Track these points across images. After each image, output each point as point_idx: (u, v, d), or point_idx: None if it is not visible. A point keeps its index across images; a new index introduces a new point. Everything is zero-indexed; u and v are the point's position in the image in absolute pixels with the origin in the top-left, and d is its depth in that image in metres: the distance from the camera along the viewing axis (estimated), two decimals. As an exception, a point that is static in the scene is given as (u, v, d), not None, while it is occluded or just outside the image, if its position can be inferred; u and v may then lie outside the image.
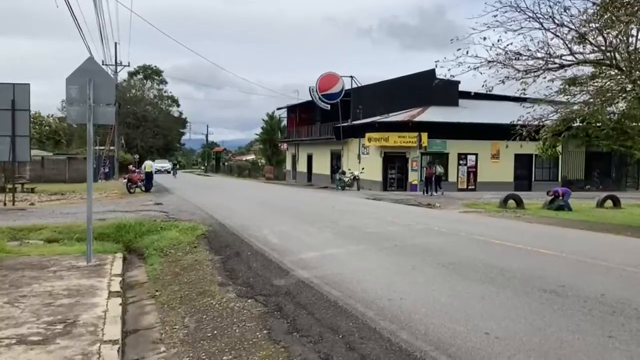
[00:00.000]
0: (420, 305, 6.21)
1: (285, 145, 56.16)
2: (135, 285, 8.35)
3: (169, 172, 59.23)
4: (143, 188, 27.90)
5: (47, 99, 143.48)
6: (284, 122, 58.52)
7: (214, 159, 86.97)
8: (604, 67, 15.65)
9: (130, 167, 30.70)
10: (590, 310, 6.03)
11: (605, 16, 14.68)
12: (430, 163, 31.39)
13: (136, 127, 65.25)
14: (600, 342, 4.98)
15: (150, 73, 77.41)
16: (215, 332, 5.67)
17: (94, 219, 9.76)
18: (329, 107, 40.08)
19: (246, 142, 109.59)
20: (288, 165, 55.09)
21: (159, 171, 53.02)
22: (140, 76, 75.79)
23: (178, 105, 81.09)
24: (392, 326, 5.48)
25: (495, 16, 15.15)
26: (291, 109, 52.30)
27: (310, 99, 41.28)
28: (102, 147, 46.07)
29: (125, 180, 27.96)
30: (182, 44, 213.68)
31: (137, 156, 42.07)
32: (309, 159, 47.63)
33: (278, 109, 59.10)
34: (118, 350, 4.97)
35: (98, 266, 8.63)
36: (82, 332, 5.41)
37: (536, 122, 16.70)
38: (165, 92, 78.42)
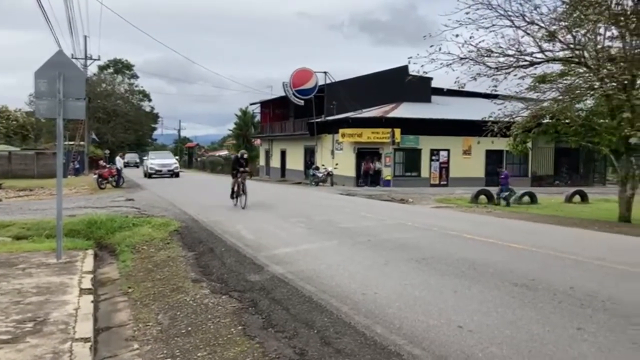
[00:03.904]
0: (394, 300, 6.26)
1: (258, 141, 55.94)
2: (107, 282, 8.23)
3: (137, 166, 58.63)
4: (114, 183, 27.56)
5: (14, 92, 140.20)
6: (258, 118, 58.30)
7: (187, 155, 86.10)
8: (572, 65, 15.98)
9: (101, 162, 30.25)
10: (559, 303, 6.16)
11: (574, 15, 15.00)
12: (369, 159, 33.67)
13: (107, 121, 64.15)
14: (570, 334, 5.10)
15: (121, 67, 76.18)
16: (190, 328, 5.63)
17: (64, 215, 9.59)
18: (302, 102, 40.04)
19: (219, 138, 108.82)
20: (261, 161, 54.89)
21: (127, 164, 52.05)
22: (110, 70, 74.53)
23: (149, 100, 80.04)
24: (366, 320, 5.52)
25: (467, 13, 15.37)
26: (265, 104, 52.07)
27: (284, 94, 41.16)
28: (71, 142, 45.21)
29: (96, 176, 27.54)
30: (153, 37, 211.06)
31: (107, 151, 41.32)
32: (283, 154, 47.54)
33: (251, 104, 58.89)
34: (90, 348, 4.90)
35: (68, 263, 8.48)
36: (53, 330, 5.32)
37: (507, 119, 16.99)
38: (136, 86, 77.30)
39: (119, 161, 30.43)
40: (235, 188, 16.78)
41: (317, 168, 36.01)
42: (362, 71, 40.81)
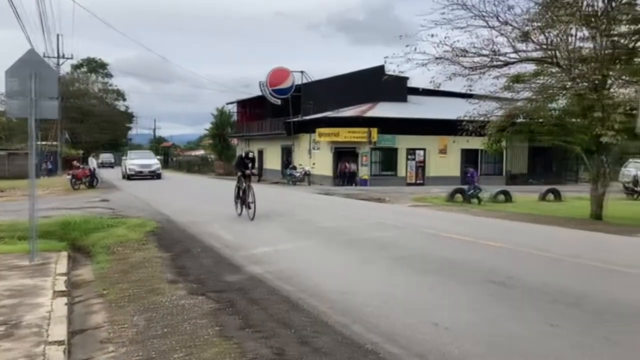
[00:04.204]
0: (372, 298, 6.29)
1: (235, 140, 55.62)
2: (82, 284, 8.10)
3: (112, 167, 57.84)
4: (88, 184, 27.19)
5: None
6: (235, 117, 57.97)
7: (163, 154, 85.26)
8: (546, 65, 16.22)
9: (75, 162, 29.79)
10: (535, 299, 6.26)
11: (547, 16, 15.22)
12: (346, 160, 34.53)
13: (81, 121, 63.12)
14: (544, 331, 5.18)
15: (95, 66, 75.06)
16: (166, 330, 5.58)
17: (37, 217, 9.42)
18: (279, 102, 39.95)
19: (195, 137, 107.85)
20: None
21: (102, 165, 51.21)
22: (84, 69, 73.40)
23: (124, 100, 79.02)
24: (344, 319, 5.54)
25: (442, 13, 15.51)
26: (242, 103, 51.83)
27: (261, 93, 41.04)
28: (45, 143, 44.40)
29: (70, 177, 27.11)
30: (125, 35, 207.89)
31: (81, 152, 40.67)
32: (260, 154, 47.36)
33: (228, 103, 58.49)
34: (64, 351, 4.82)
35: (42, 265, 8.33)
36: (26, 333, 5.22)
37: (482, 118, 17.18)
38: (110, 85, 76.29)
39: (92, 161, 30.03)
40: (240, 193, 14.34)
41: (295, 168, 35.99)
42: (340, 71, 41.10)
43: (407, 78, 33.24)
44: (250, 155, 15.06)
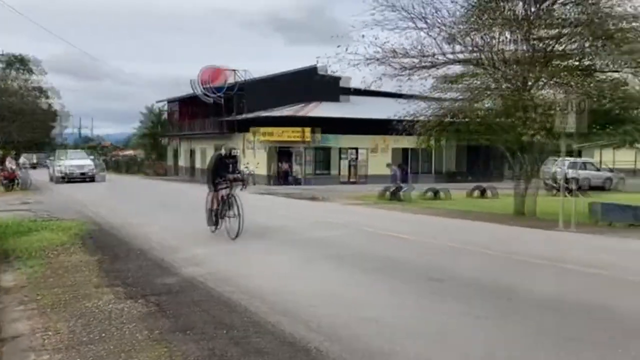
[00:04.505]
0: (313, 298, 6.41)
1: (168, 140, 54.37)
2: (12, 289, 7.79)
3: (34, 167, 55.04)
4: (18, 186, 26.06)
5: None
6: (167, 116, 56.65)
7: (101, 155, 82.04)
8: (471, 67, 16.90)
9: (7, 163, 28.39)
10: (468, 294, 6.59)
11: (472, 19, 15.87)
12: (283, 160, 35.10)
13: (12, 120, 59.71)
14: (476, 324, 5.47)
15: (15, 62, 71.28)
16: (103, 334, 5.48)
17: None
18: (212, 101, 39.34)
19: (125, 136, 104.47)
20: (172, 161, 53.42)
21: (23, 166, 48.64)
22: (1, 65, 69.55)
23: (47, 97, 75.45)
24: (286, 319, 5.61)
25: (373, 15, 15.84)
26: (175, 102, 50.69)
27: (195, 92, 40.31)
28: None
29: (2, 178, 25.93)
30: (50, 32, 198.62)
31: (13, 152, 38.50)
32: (195, 154, 46.57)
33: (159, 101, 57.06)
34: (-3, 361, 4.67)
35: (-35, 273, 7.95)
36: (-47, 345, 5.01)
37: (412, 118, 17.71)
38: (31, 82, 72.65)
39: (10, 161, 28.63)
40: (216, 205, 11.00)
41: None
42: (278, 70, 40.87)
43: (340, 78, 33.66)
44: (234, 153, 11.61)
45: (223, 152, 11.42)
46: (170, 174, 50.67)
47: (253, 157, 35.45)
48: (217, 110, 39.67)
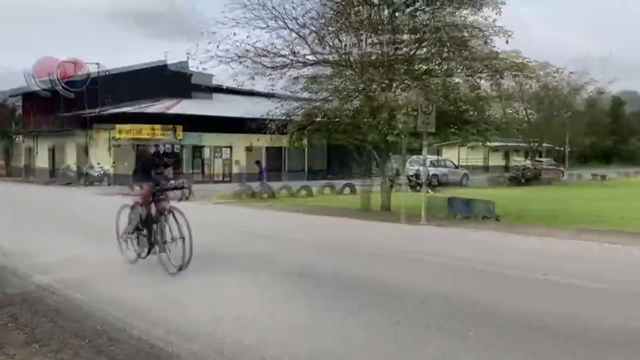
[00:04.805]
0: (172, 300, 6.18)
1: (21, 138, 49.78)
2: None
3: None
4: None
5: None
6: (19, 111, 51.90)
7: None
8: (341, 68, 17.32)
9: None
10: (329, 288, 6.71)
11: (340, 22, 16.28)
12: None
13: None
14: (339, 317, 5.53)
15: None
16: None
17: None
18: (72, 95, 36.51)
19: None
20: (25, 160, 49.03)
21: None
22: None
23: None
24: (143, 325, 5.31)
25: (244, 13, 15.69)
26: (28, 96, 46.45)
27: (55, 86, 37.21)
28: None
29: None
30: None
31: None
32: (52, 152, 43.16)
33: (10, 96, 52.04)
34: None
35: None
36: None
37: (284, 117, 17.80)
38: None
39: None
40: (141, 223, 7.87)
41: (92, 167, 33.65)
42: (141, 66, 38.82)
43: (212, 75, 33.03)
44: (173, 148, 8.10)
45: (154, 149, 7.91)
46: (26, 176, 46.41)
47: (118, 156, 33.66)
48: (79, 106, 36.86)
